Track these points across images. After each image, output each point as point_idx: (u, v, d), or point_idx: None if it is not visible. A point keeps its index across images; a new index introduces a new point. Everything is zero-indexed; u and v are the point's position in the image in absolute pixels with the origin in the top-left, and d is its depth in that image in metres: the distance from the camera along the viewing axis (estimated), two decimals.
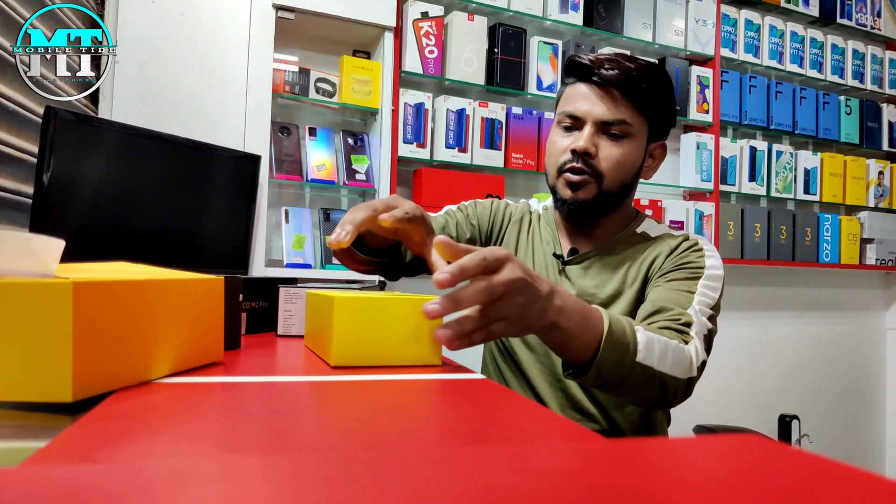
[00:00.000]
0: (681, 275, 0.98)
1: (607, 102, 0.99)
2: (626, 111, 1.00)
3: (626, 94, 0.99)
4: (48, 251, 0.42)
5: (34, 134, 1.30)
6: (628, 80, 0.98)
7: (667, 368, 0.80)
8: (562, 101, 1.05)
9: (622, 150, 1.01)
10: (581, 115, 1.01)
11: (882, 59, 3.01)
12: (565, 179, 1.02)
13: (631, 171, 1.04)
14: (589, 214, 1.05)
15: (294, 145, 2.01)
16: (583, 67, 1.01)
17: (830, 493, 0.23)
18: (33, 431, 0.40)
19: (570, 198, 1.02)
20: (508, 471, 0.25)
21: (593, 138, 1.00)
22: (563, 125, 1.03)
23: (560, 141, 1.03)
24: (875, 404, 3.12)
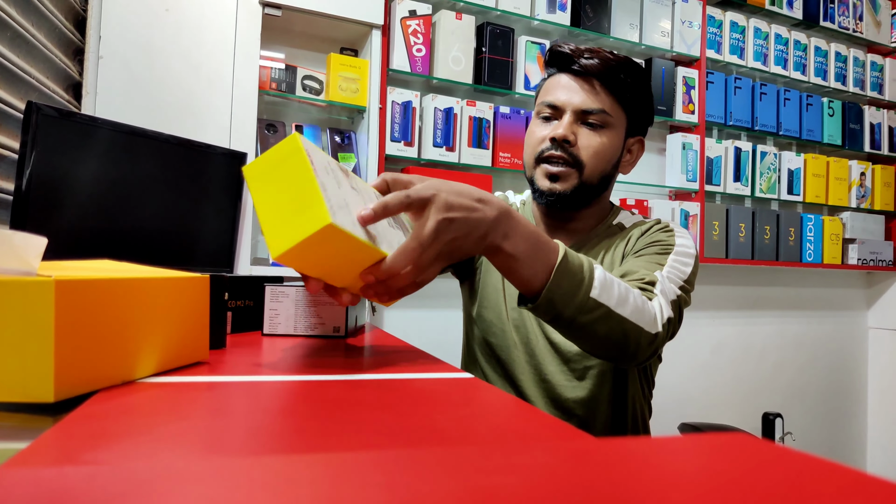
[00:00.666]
0: (650, 250, 0.97)
1: (587, 91, 0.99)
2: (605, 101, 1.00)
3: (605, 84, 1.00)
4: (30, 248, 0.41)
5: (14, 130, 1.28)
6: (608, 70, 0.99)
7: (626, 313, 0.77)
8: (542, 92, 1.05)
9: (601, 139, 1.00)
10: (560, 104, 1.00)
11: (864, 61, 3.05)
12: (544, 170, 1.01)
13: (610, 162, 1.03)
14: (568, 206, 1.03)
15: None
16: (563, 57, 1.01)
17: (816, 490, 0.23)
18: (14, 432, 0.39)
19: (549, 189, 1.01)
20: (497, 470, 0.25)
21: (572, 126, 1.00)
22: (543, 115, 1.03)
23: (539, 130, 1.03)
24: (857, 402, 3.16)
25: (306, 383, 0.51)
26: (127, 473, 0.23)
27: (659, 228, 1.02)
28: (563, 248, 0.74)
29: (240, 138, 1.82)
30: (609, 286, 0.76)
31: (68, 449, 0.32)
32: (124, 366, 0.47)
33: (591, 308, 0.75)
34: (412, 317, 2.22)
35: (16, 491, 0.21)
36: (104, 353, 0.45)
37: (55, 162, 1.17)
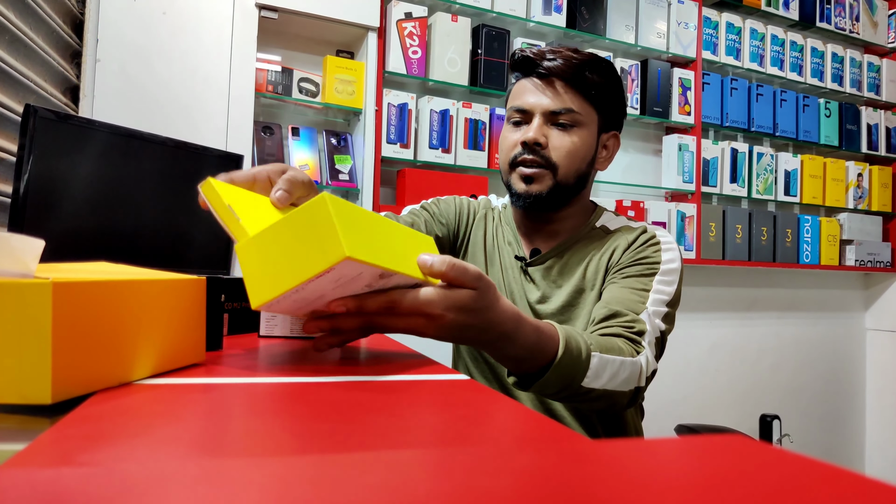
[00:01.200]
0: (635, 270, 0.97)
1: (552, 93, 1.00)
2: (572, 100, 1.00)
3: (570, 83, 1.00)
4: (27, 251, 0.41)
5: (12, 132, 1.28)
6: (571, 69, 0.99)
7: (614, 386, 0.81)
8: (510, 98, 1.06)
9: (572, 139, 1.00)
10: (528, 108, 1.01)
11: (860, 62, 3.06)
12: (519, 174, 1.01)
13: (584, 160, 1.03)
14: (545, 208, 1.04)
15: (277, 145, 2.00)
16: (527, 61, 1.01)
17: (814, 492, 0.23)
18: (11, 434, 0.39)
19: (525, 191, 1.01)
20: (492, 472, 0.25)
21: (542, 129, 1.00)
22: (513, 121, 1.04)
23: (510, 136, 1.03)
24: (855, 404, 3.17)
25: (302, 385, 0.51)
26: (123, 475, 0.23)
27: (645, 242, 1.02)
28: (562, 344, 0.75)
29: (236, 140, 1.82)
30: (601, 370, 0.79)
31: (65, 450, 0.32)
32: (121, 367, 0.47)
33: (581, 393, 0.79)
34: None
35: (12, 493, 0.21)
36: (101, 354, 0.45)
37: (53, 165, 1.17)
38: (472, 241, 1.15)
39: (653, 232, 1.04)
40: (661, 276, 0.96)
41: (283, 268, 0.55)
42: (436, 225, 1.12)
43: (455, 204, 1.17)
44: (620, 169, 2.65)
